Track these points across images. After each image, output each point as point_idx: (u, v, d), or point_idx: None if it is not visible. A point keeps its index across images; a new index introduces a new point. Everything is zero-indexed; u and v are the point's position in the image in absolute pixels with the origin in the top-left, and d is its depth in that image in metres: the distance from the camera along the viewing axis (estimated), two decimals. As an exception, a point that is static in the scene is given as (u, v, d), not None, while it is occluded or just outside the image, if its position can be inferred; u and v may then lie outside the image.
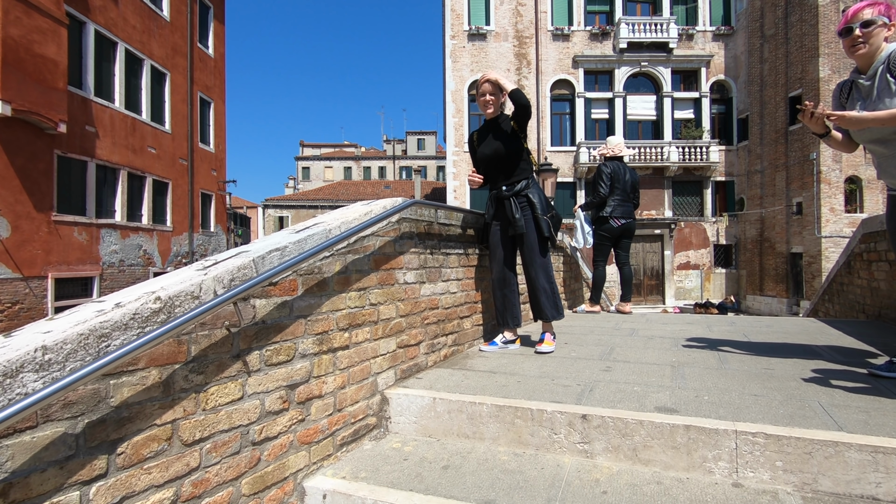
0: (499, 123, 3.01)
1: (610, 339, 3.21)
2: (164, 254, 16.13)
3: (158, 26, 16.14)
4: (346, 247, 1.99)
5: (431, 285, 2.62)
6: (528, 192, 2.99)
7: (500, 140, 2.97)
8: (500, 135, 2.98)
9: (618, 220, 4.58)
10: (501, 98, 3.02)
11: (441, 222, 2.73)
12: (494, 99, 2.98)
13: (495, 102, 3.00)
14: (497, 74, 2.92)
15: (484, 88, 2.98)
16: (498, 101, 3.00)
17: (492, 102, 2.98)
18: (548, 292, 2.99)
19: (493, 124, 3.04)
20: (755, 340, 3.12)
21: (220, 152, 20.03)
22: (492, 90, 2.97)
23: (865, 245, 4.04)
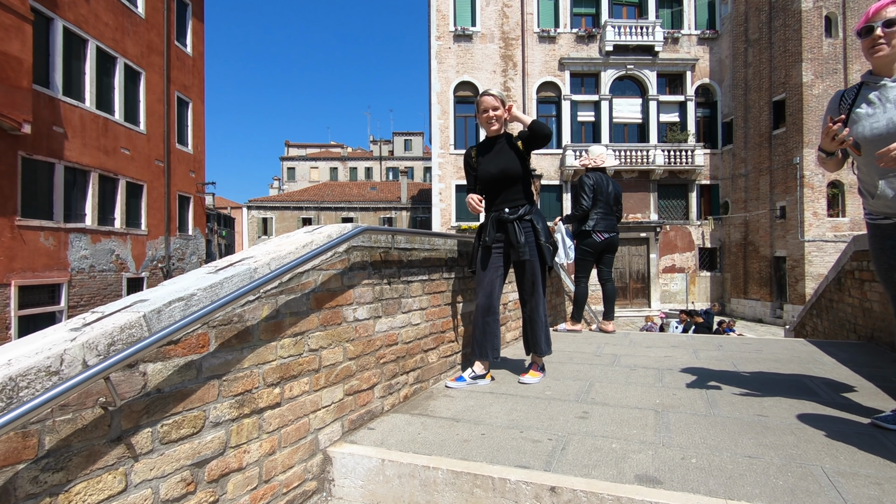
0: (504, 141, 2.80)
1: (589, 371, 2.96)
2: (138, 258, 15.60)
3: (133, 23, 15.62)
4: (278, 287, 1.70)
5: (389, 319, 2.34)
6: (533, 218, 2.78)
7: (506, 159, 2.74)
8: (505, 154, 2.77)
9: (601, 234, 4.34)
10: (505, 114, 2.79)
11: (401, 247, 2.45)
12: (499, 115, 2.77)
13: (500, 118, 2.78)
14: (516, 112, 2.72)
15: (487, 103, 2.75)
16: (503, 116, 2.78)
17: (496, 119, 2.77)
18: (545, 326, 2.81)
19: (496, 142, 2.82)
20: (744, 371, 2.89)
21: (199, 153, 19.50)
22: (495, 104, 2.75)
23: (857, 263, 3.85)
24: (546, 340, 2.82)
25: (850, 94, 2.01)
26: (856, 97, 1.98)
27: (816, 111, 17.74)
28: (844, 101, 2.02)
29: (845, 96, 2.03)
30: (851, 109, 1.97)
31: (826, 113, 2.10)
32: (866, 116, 1.90)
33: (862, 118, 1.91)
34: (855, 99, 1.98)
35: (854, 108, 1.96)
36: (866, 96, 1.94)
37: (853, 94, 2.00)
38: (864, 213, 2.10)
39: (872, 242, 2.02)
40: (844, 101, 2.02)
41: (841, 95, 2.05)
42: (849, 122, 1.95)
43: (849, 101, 2.00)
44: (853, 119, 1.94)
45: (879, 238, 1.97)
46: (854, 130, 1.93)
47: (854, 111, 1.96)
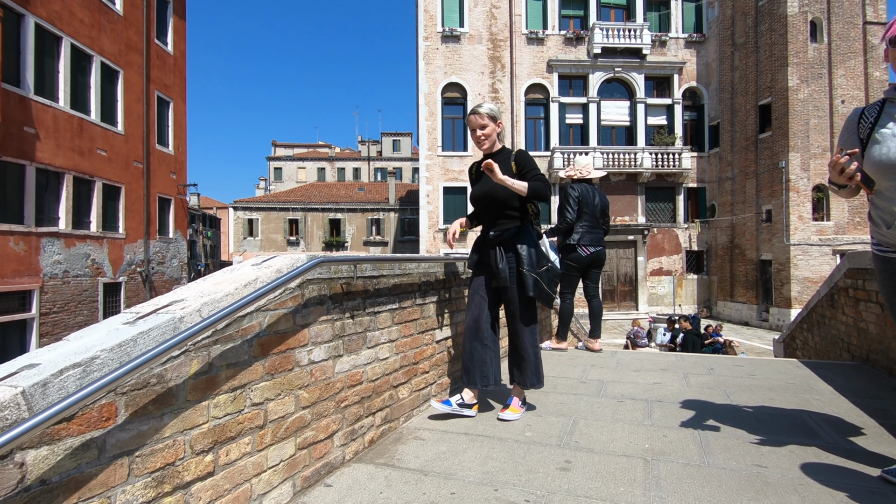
0: (497, 160, 2.58)
1: (574, 404, 2.75)
2: (115, 263, 15.15)
3: (110, 21, 15.16)
4: (212, 336, 1.47)
5: (352, 357, 2.11)
6: (519, 243, 2.56)
7: (493, 181, 2.54)
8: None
9: (586, 248, 4.16)
10: (498, 128, 2.61)
11: (366, 276, 2.22)
12: (488, 132, 2.58)
13: (489, 136, 2.60)
14: (503, 176, 2.46)
15: (473, 123, 2.59)
16: (493, 133, 2.60)
17: (485, 137, 2.59)
18: (530, 357, 2.58)
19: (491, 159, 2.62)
20: (738, 402, 2.71)
21: (180, 154, 19.04)
22: (482, 122, 2.58)
23: (852, 281, 3.70)
24: (533, 372, 2.60)
25: (871, 113, 1.79)
26: (878, 115, 1.76)
27: (802, 115, 17.84)
28: (865, 120, 1.79)
29: (865, 115, 1.81)
30: (873, 129, 1.75)
31: (842, 134, 1.89)
32: (892, 137, 1.69)
33: (887, 139, 1.69)
34: (878, 117, 1.75)
35: (877, 127, 1.74)
36: (892, 114, 1.73)
37: (875, 112, 1.77)
38: (871, 242, 1.89)
39: (883, 278, 1.81)
40: (865, 119, 1.79)
41: (860, 114, 1.83)
42: (869, 143, 1.74)
43: (870, 120, 1.77)
44: (875, 140, 1.72)
45: (891, 275, 1.77)
46: (876, 153, 1.70)
47: (878, 131, 1.74)
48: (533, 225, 2.67)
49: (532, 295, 2.54)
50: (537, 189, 2.45)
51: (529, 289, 2.52)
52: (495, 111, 2.63)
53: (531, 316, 2.62)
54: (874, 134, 1.74)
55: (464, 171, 21.73)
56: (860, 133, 1.80)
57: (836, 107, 17.97)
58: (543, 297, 2.57)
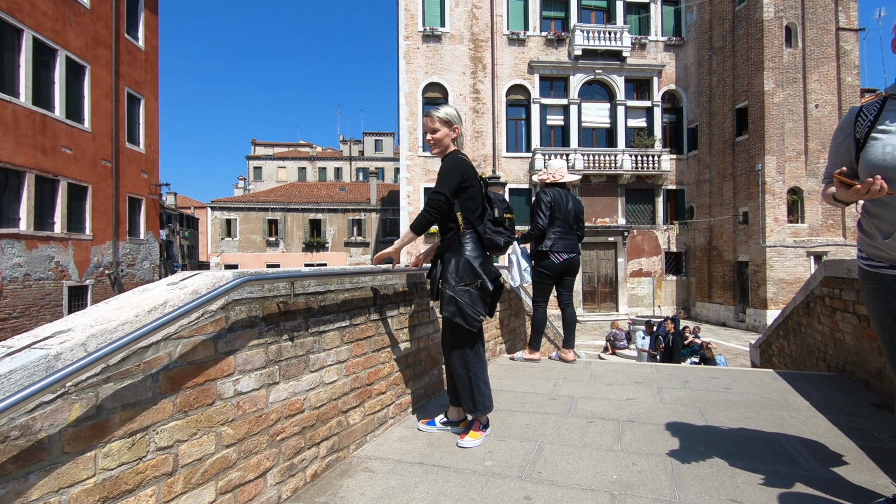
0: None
1: (541, 425, 2.58)
2: (81, 265, 14.58)
3: (76, 14, 14.58)
4: (102, 374, 1.25)
5: (290, 383, 1.90)
6: (446, 254, 2.39)
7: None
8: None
9: (559, 255, 4.00)
10: (452, 133, 2.43)
11: (309, 292, 2.01)
12: (437, 137, 2.43)
13: (439, 141, 2.44)
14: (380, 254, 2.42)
15: (425, 125, 2.47)
16: (445, 138, 2.43)
17: (433, 142, 2.45)
18: (463, 381, 2.37)
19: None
20: (714, 422, 2.57)
21: (152, 153, 18.47)
22: (432, 126, 2.42)
23: (828, 289, 3.61)
24: (469, 399, 2.37)
25: (870, 110, 1.62)
26: (879, 113, 1.60)
27: (777, 119, 18.09)
28: (863, 118, 1.63)
29: (864, 112, 1.64)
30: (873, 127, 1.59)
31: (836, 135, 1.72)
32: (894, 136, 1.54)
33: (887, 138, 1.54)
34: (878, 115, 1.60)
35: (876, 125, 1.58)
36: (883, 113, 1.58)
37: (875, 110, 1.61)
38: (859, 256, 1.72)
39: (873, 298, 1.63)
40: (863, 117, 1.63)
41: (858, 112, 1.66)
42: (867, 142, 1.57)
43: (869, 118, 1.61)
44: (874, 139, 1.56)
45: (884, 294, 1.59)
46: (876, 153, 1.53)
47: (877, 130, 1.57)
48: (482, 233, 2.39)
49: (445, 315, 2.32)
50: (416, 220, 2.31)
51: (446, 310, 2.31)
52: (452, 115, 2.45)
53: (458, 337, 2.38)
54: (873, 133, 1.58)
55: (445, 172, 21.54)
56: (857, 132, 1.63)
57: (811, 111, 18.28)
58: (460, 317, 2.29)
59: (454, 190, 2.33)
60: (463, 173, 2.35)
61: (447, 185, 2.32)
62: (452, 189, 2.32)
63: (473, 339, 2.38)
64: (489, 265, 2.44)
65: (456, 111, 2.50)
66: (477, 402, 2.35)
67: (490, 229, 2.41)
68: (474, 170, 2.43)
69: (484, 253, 2.40)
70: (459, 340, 2.38)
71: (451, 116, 2.44)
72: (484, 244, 2.39)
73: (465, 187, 2.36)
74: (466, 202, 2.37)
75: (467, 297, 2.29)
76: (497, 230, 2.43)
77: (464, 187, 2.36)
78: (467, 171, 2.37)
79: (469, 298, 2.29)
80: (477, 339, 2.40)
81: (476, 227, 2.37)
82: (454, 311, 2.29)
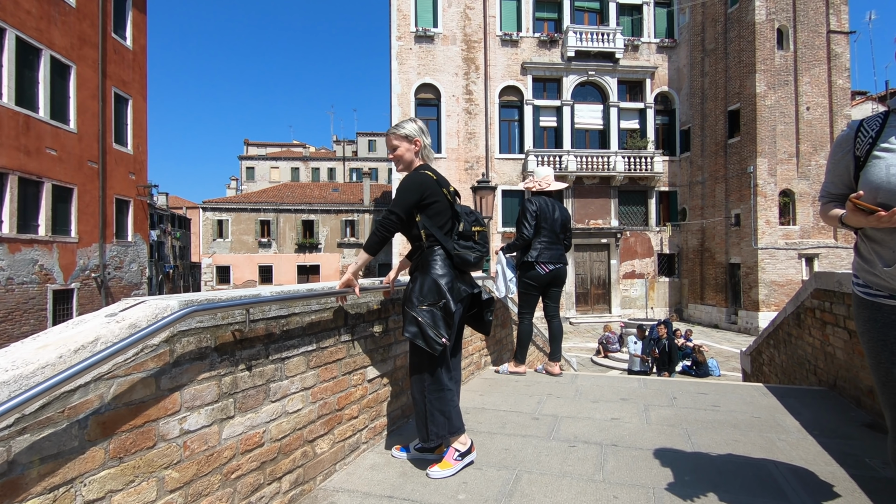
0: None
1: (521, 450, 2.47)
2: (66, 268, 14.34)
3: (61, 12, 14.34)
4: (16, 424, 1.12)
5: (248, 416, 1.78)
6: (417, 273, 2.28)
7: None
8: None
9: (544, 265, 3.89)
10: (414, 147, 2.33)
11: (270, 317, 1.89)
12: (398, 154, 2.34)
13: (400, 158, 2.34)
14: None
15: (387, 143, 2.37)
16: (406, 154, 2.33)
17: (397, 160, 2.35)
18: (418, 406, 2.25)
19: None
20: (700, 446, 2.46)
21: (140, 154, 18.22)
22: (394, 144, 2.33)
23: (819, 302, 3.53)
24: (423, 427, 2.24)
25: (871, 126, 1.50)
26: (881, 129, 1.48)
27: (769, 121, 18.11)
28: (864, 134, 1.51)
29: (864, 128, 1.52)
30: (875, 144, 1.47)
31: (834, 152, 1.60)
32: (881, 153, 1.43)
33: (892, 158, 1.42)
34: (880, 132, 1.48)
35: (879, 142, 1.46)
36: (885, 129, 1.46)
37: (877, 126, 1.49)
38: (855, 282, 1.59)
39: (869, 328, 1.51)
40: (864, 133, 1.51)
41: (858, 127, 1.53)
42: (869, 160, 1.46)
43: (870, 135, 1.49)
44: (877, 157, 1.45)
45: (881, 325, 1.47)
46: (880, 174, 1.42)
47: (880, 147, 1.45)
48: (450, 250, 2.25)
49: (406, 336, 2.20)
50: (368, 239, 2.20)
51: (408, 331, 2.20)
52: (411, 130, 2.34)
53: (417, 360, 2.26)
54: (875, 151, 1.46)
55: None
56: (857, 149, 1.52)
57: (802, 113, 18.32)
58: (421, 338, 2.16)
59: (409, 208, 2.22)
60: (422, 190, 2.23)
61: (400, 203, 2.22)
62: (406, 207, 2.21)
63: (434, 363, 2.23)
64: (460, 283, 2.30)
65: (418, 125, 2.38)
66: (430, 431, 2.21)
67: (458, 245, 2.28)
68: (438, 184, 2.29)
69: (453, 271, 2.26)
70: (418, 364, 2.26)
71: (410, 131, 2.34)
72: (453, 261, 2.26)
73: (427, 203, 2.24)
74: (432, 218, 2.25)
75: (429, 317, 2.17)
76: (467, 245, 2.29)
77: (426, 203, 2.24)
78: (427, 188, 2.24)
79: (431, 319, 2.16)
80: (438, 364, 2.24)
81: (444, 244, 2.25)
82: (415, 332, 2.17)
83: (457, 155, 21.44)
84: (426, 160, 2.38)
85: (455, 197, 2.38)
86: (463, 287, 2.29)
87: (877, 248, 1.46)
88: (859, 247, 1.56)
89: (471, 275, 2.45)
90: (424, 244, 2.26)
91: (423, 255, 2.27)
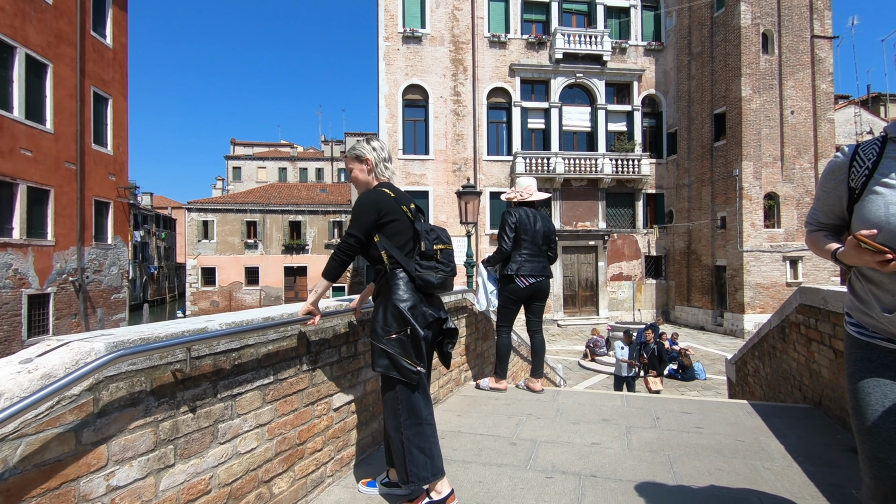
0: None
1: (495, 484, 2.34)
2: (42, 272, 13.95)
3: (37, 9, 13.95)
4: None
5: (191, 462, 1.62)
6: (378, 301, 2.15)
7: None
8: None
9: (525, 278, 3.76)
10: (366, 166, 2.23)
11: (219, 351, 1.74)
12: (353, 176, 2.26)
13: (355, 180, 2.25)
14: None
15: (345, 165, 2.30)
16: (360, 175, 2.24)
17: (354, 181, 2.26)
18: (395, 444, 2.09)
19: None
20: (682, 477, 2.36)
21: (121, 154, 17.82)
22: (349, 166, 2.25)
23: (804, 318, 3.45)
24: (402, 468, 2.07)
25: (868, 154, 1.36)
26: (878, 159, 1.34)
27: (754, 125, 18.24)
28: (859, 164, 1.36)
29: (860, 156, 1.37)
30: (871, 177, 1.33)
31: (826, 178, 1.46)
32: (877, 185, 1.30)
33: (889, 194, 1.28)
34: (877, 161, 1.33)
35: (877, 174, 1.32)
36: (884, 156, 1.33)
37: (874, 154, 1.35)
38: (848, 321, 1.46)
39: (861, 367, 1.37)
40: (859, 163, 1.36)
41: (853, 153, 1.39)
42: (865, 194, 1.33)
43: (867, 165, 1.34)
44: (875, 193, 1.31)
45: (877, 366, 1.34)
46: (878, 211, 1.28)
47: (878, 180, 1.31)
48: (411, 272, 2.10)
49: (378, 371, 2.07)
50: (327, 266, 2.08)
51: (374, 363, 2.09)
52: (361, 150, 2.22)
53: (392, 395, 2.10)
54: (873, 184, 1.32)
55: (425, 175, 21.29)
56: (851, 180, 1.38)
57: (786, 117, 18.48)
58: (395, 370, 2.03)
59: (367, 228, 2.09)
60: (378, 209, 2.09)
61: (357, 224, 2.09)
62: (364, 228, 2.09)
63: (409, 396, 2.09)
64: (426, 307, 2.13)
65: (371, 144, 2.26)
66: (410, 471, 2.05)
67: (420, 266, 2.11)
68: (397, 201, 2.16)
69: (417, 294, 2.11)
70: (392, 398, 2.11)
71: (360, 151, 2.23)
72: (416, 284, 2.11)
73: (385, 222, 2.11)
74: (391, 238, 2.11)
75: (398, 347, 2.03)
76: (429, 265, 2.12)
77: (384, 222, 2.11)
78: (384, 206, 2.10)
79: (401, 348, 2.03)
80: (414, 396, 2.10)
81: (405, 265, 2.10)
82: (387, 364, 2.04)
83: (445, 156, 21.31)
84: (384, 178, 2.25)
85: (418, 214, 2.25)
86: (429, 311, 2.13)
87: (875, 290, 1.33)
88: (853, 285, 1.43)
89: (439, 298, 2.31)
90: (386, 267, 2.12)
91: (384, 279, 2.13)
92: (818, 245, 1.49)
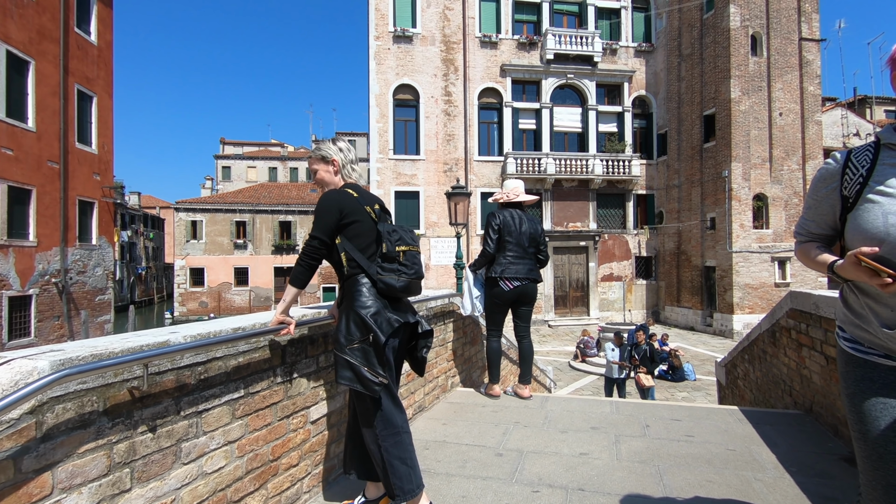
0: None
1: (480, 497, 2.25)
2: (24, 273, 13.66)
3: (18, 5, 13.66)
4: None
5: (150, 486, 1.52)
6: (341, 309, 2.06)
7: None
8: None
9: (509, 281, 3.67)
10: (332, 167, 2.15)
11: (183, 366, 1.63)
12: (318, 178, 2.18)
13: (321, 181, 2.17)
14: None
15: (309, 169, 2.20)
16: (325, 176, 2.16)
17: (317, 183, 2.19)
18: (376, 458, 2.00)
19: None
20: (672, 491, 2.28)
21: (106, 153, 17.52)
22: (313, 167, 2.17)
23: (794, 322, 3.40)
24: (389, 482, 1.98)
25: (861, 161, 1.30)
26: (872, 166, 1.27)
27: (743, 126, 18.35)
28: (853, 171, 1.30)
29: (853, 163, 1.31)
30: (866, 184, 1.27)
31: (817, 185, 1.39)
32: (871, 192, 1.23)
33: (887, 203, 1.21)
34: (871, 168, 1.27)
35: (872, 182, 1.26)
36: (878, 162, 1.26)
37: (867, 161, 1.29)
38: (841, 336, 1.39)
39: (863, 388, 1.28)
40: (853, 170, 1.30)
41: (846, 160, 1.32)
42: (859, 203, 1.26)
43: (860, 172, 1.28)
44: (870, 202, 1.24)
45: (880, 386, 1.25)
46: (876, 221, 1.21)
47: (873, 188, 1.25)
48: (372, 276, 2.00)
49: (342, 384, 1.98)
50: (293, 272, 1.99)
51: (337, 375, 2.00)
52: (327, 151, 2.14)
53: (363, 407, 2.01)
54: (868, 193, 1.26)
55: (416, 175, 21.18)
56: (844, 188, 1.32)
57: (775, 119, 18.60)
58: (358, 383, 1.94)
59: (331, 229, 2.00)
60: (340, 209, 2.00)
61: (320, 225, 2.00)
62: (328, 229, 1.99)
63: (380, 407, 1.99)
64: (391, 313, 2.02)
65: (337, 145, 2.17)
66: (394, 485, 1.96)
67: (381, 269, 2.01)
68: (360, 202, 2.06)
69: (380, 299, 2.00)
70: (364, 410, 2.01)
71: (326, 152, 2.14)
72: (378, 288, 2.00)
73: (347, 223, 2.01)
74: (352, 240, 2.01)
75: (361, 356, 1.93)
76: (391, 268, 2.00)
77: (345, 223, 2.01)
78: (345, 206, 2.01)
79: (363, 358, 1.93)
80: (386, 404, 2.00)
81: (366, 269, 2.00)
82: (350, 376, 1.94)
83: (436, 157, 21.22)
84: (350, 179, 2.16)
85: (383, 215, 2.15)
86: (394, 317, 2.02)
87: (872, 304, 1.25)
88: (847, 298, 1.35)
89: (408, 301, 2.21)
90: (345, 270, 2.02)
91: (347, 284, 2.03)
92: (810, 257, 1.41)
